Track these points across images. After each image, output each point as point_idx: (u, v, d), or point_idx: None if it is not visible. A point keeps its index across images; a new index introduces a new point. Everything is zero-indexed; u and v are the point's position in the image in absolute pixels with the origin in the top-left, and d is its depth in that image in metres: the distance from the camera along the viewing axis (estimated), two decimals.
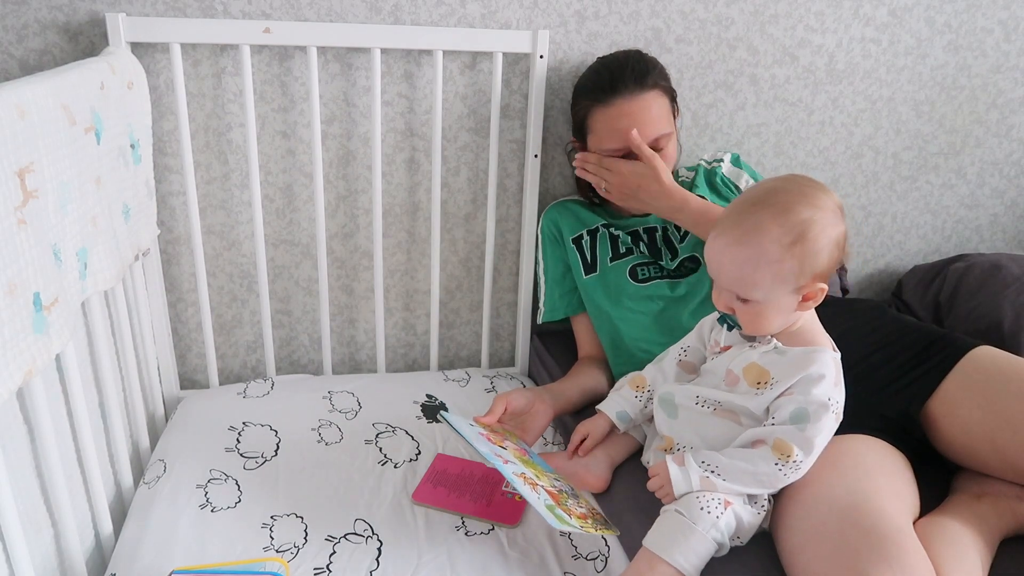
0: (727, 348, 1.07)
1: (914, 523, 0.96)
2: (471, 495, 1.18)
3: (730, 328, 1.06)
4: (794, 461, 0.95)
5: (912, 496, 1.01)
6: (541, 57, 1.42)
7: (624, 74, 1.29)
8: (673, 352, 1.16)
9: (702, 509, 0.95)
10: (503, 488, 1.20)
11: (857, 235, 1.80)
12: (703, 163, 1.46)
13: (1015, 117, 1.76)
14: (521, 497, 1.08)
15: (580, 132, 1.39)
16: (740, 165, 1.45)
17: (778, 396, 0.99)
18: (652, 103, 1.29)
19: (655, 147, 1.30)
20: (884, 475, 1.00)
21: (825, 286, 0.97)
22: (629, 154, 1.31)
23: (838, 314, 1.26)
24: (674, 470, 0.98)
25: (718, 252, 0.99)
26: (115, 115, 1.11)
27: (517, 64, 1.48)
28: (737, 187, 1.42)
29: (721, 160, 1.45)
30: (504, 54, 1.44)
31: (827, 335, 1.04)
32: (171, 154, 1.40)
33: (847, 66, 1.62)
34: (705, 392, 1.05)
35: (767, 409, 1.00)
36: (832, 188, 1.71)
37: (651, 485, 1.02)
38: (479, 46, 1.41)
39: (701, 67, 1.55)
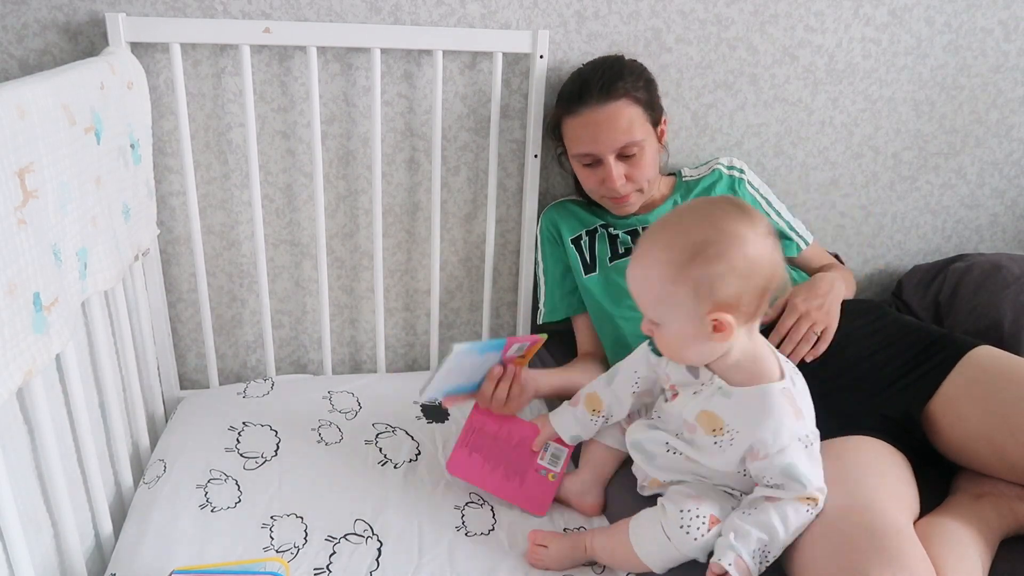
0: (674, 390, 1.03)
1: (914, 523, 0.96)
2: (505, 469, 1.19)
3: (656, 354, 1.04)
4: (822, 499, 0.93)
5: (912, 496, 1.01)
6: (541, 57, 1.42)
7: (591, 84, 1.30)
8: (624, 378, 1.11)
9: (681, 527, 0.95)
10: (538, 462, 1.20)
11: (857, 235, 1.80)
12: (721, 167, 1.46)
13: (1015, 117, 1.76)
14: (555, 476, 1.17)
15: (559, 139, 1.41)
16: (736, 181, 1.48)
17: (751, 458, 0.94)
18: (619, 112, 1.29)
19: (624, 154, 1.30)
20: (884, 476, 0.99)
21: (729, 318, 0.88)
22: (595, 161, 1.33)
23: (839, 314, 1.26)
24: None
25: (628, 269, 0.96)
26: (115, 115, 1.11)
27: (517, 64, 1.48)
28: (764, 196, 1.47)
29: (742, 169, 1.47)
30: (504, 54, 1.44)
31: (776, 358, 0.98)
32: (171, 154, 1.40)
33: (847, 66, 1.62)
34: (673, 441, 1.03)
35: (743, 471, 0.97)
36: (832, 188, 1.73)
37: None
38: (479, 46, 1.41)
39: (701, 67, 1.55)
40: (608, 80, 1.30)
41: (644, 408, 1.15)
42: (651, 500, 1.07)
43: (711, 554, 0.94)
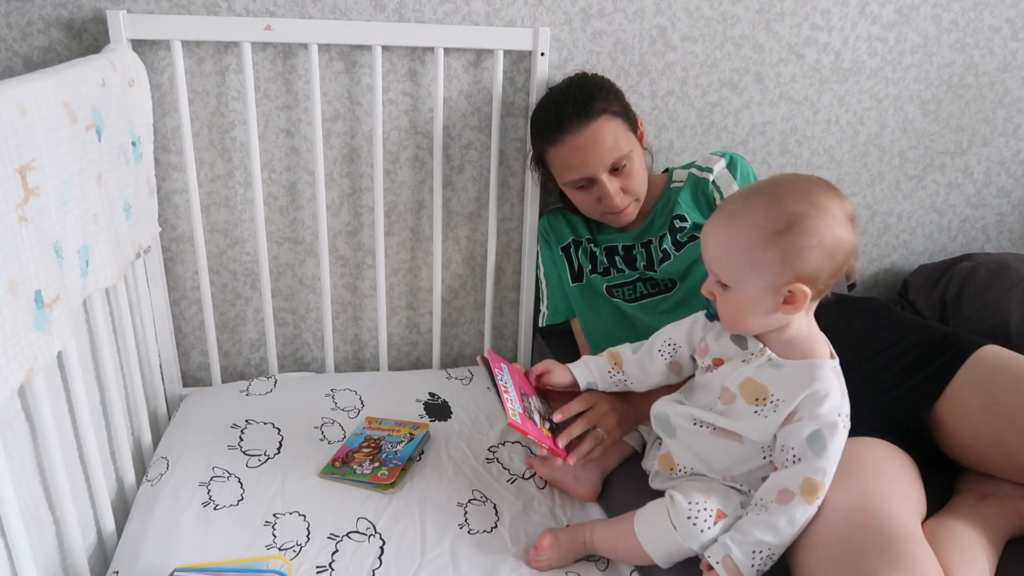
0: (719, 362, 1.03)
1: (921, 525, 0.96)
2: (539, 415, 1.15)
3: (711, 318, 1.04)
4: (824, 492, 0.93)
5: (920, 498, 1.00)
6: (543, 55, 1.42)
7: (567, 109, 1.28)
8: (658, 347, 1.11)
9: (688, 518, 0.95)
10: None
11: (863, 234, 1.80)
12: (695, 171, 1.40)
13: (1022, 116, 1.75)
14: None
15: (545, 168, 1.39)
16: (735, 170, 1.37)
17: (783, 423, 0.95)
18: (602, 130, 1.27)
19: (615, 168, 1.29)
20: (891, 477, 0.99)
21: (807, 290, 0.90)
22: (589, 182, 1.31)
23: (842, 313, 1.25)
24: None
25: (706, 230, 0.97)
26: (116, 112, 1.11)
27: (521, 62, 1.47)
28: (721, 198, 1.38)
29: (711, 169, 1.37)
30: (506, 52, 1.44)
31: (826, 341, 0.99)
32: (174, 151, 1.40)
33: (853, 64, 1.61)
34: (701, 414, 1.02)
35: (775, 436, 0.97)
36: (837, 187, 1.71)
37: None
38: (480, 44, 1.41)
39: (706, 65, 1.54)
40: (582, 102, 1.27)
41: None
42: (652, 499, 1.06)
43: None
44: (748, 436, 0.98)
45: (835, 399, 0.93)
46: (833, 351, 0.99)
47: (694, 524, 0.95)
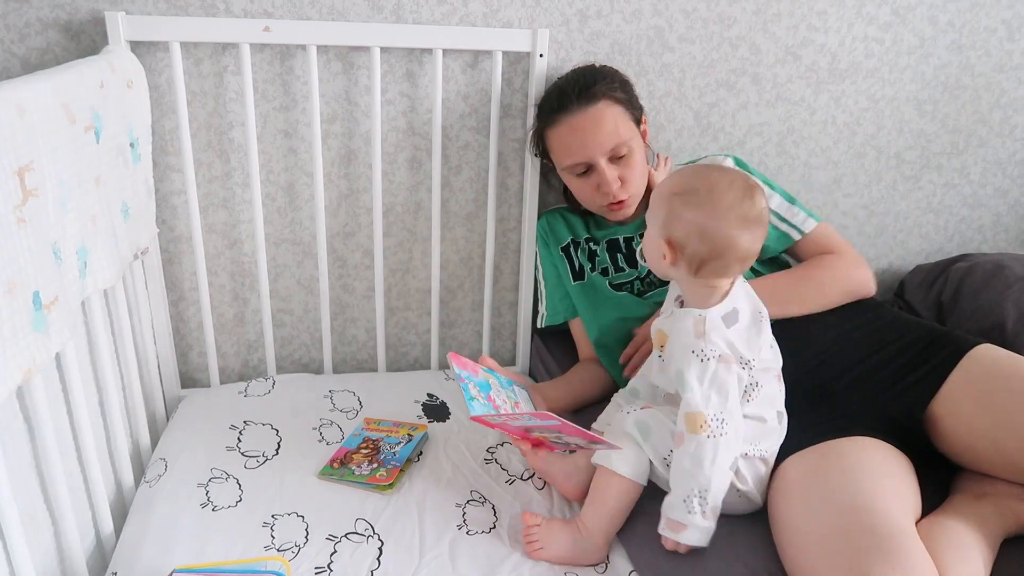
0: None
1: (916, 524, 0.96)
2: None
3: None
4: (714, 420, 0.99)
5: (915, 497, 1.00)
6: (541, 56, 1.42)
7: (569, 91, 1.30)
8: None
9: (621, 412, 1.09)
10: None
11: (859, 235, 1.80)
12: None
13: (1018, 117, 1.75)
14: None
15: (546, 154, 1.40)
16: (742, 167, 1.40)
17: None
18: (602, 114, 1.28)
19: (615, 155, 1.29)
20: (887, 476, 0.99)
21: (669, 251, 1.02)
22: (588, 169, 1.31)
23: (838, 313, 1.25)
24: (683, 537, 1.00)
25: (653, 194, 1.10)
26: (114, 114, 1.11)
27: (519, 63, 1.47)
28: None
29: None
30: (504, 53, 1.44)
31: (719, 296, 1.05)
32: (172, 153, 1.40)
33: (850, 65, 1.62)
34: (645, 374, 1.17)
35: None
36: (834, 187, 1.72)
37: (668, 547, 1.03)
38: (478, 45, 1.41)
39: (703, 66, 1.55)
40: (585, 84, 1.29)
41: None
42: (651, 500, 1.06)
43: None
44: (659, 384, 1.10)
45: (685, 340, 1.02)
46: (732, 300, 1.04)
47: (626, 413, 1.08)
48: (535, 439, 1.15)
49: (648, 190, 1.40)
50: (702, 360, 1.01)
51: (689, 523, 0.98)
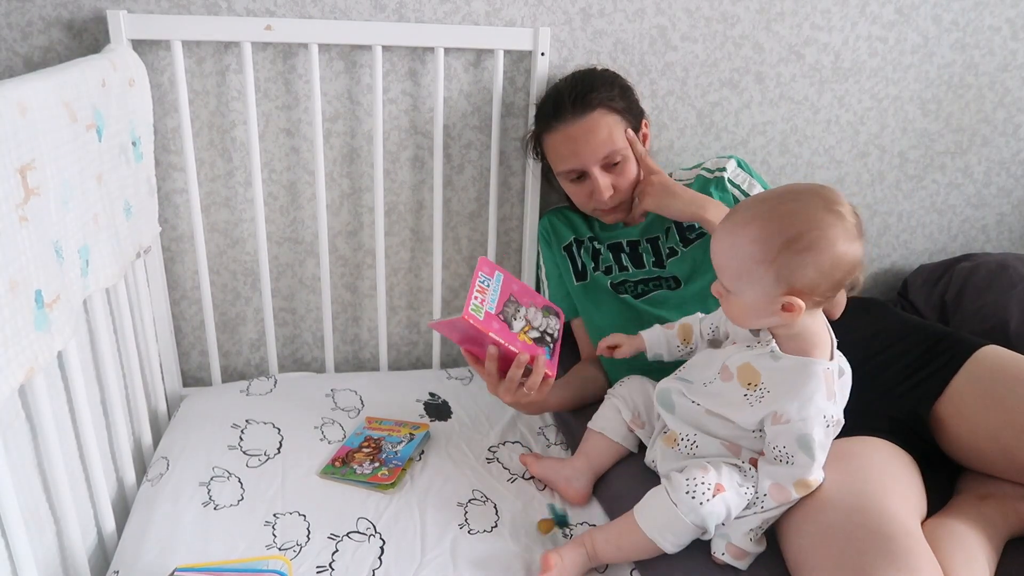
0: (734, 342, 1.08)
1: (921, 525, 0.96)
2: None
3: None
4: (816, 485, 0.97)
5: (920, 498, 1.00)
6: (543, 55, 1.42)
7: (565, 98, 1.29)
8: (707, 324, 1.16)
9: (687, 493, 0.96)
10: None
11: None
12: (704, 172, 1.41)
13: (1022, 116, 1.75)
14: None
15: (543, 156, 1.40)
16: (746, 169, 1.40)
17: (773, 421, 0.97)
18: (597, 123, 1.28)
19: (608, 163, 1.29)
20: (892, 477, 0.99)
21: (802, 303, 0.92)
22: (582, 175, 1.32)
23: (843, 313, 1.25)
24: (743, 563, 0.98)
25: (714, 236, 1.00)
26: (116, 112, 1.11)
27: (521, 62, 1.47)
28: (746, 192, 1.37)
29: (723, 168, 1.39)
30: (506, 52, 1.44)
31: (829, 341, 1.01)
32: (174, 151, 1.40)
33: (853, 64, 1.61)
34: (697, 395, 1.05)
35: (758, 432, 1.00)
36: (838, 187, 1.72)
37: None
38: (480, 44, 1.41)
39: (706, 65, 1.54)
40: (581, 92, 1.28)
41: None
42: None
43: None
44: (734, 420, 1.01)
45: (819, 402, 0.95)
46: (835, 351, 1.01)
47: (693, 497, 0.95)
48: (524, 345, 1.11)
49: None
50: (828, 426, 0.96)
51: (751, 552, 0.98)
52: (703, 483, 0.96)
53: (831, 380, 0.97)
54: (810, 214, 0.92)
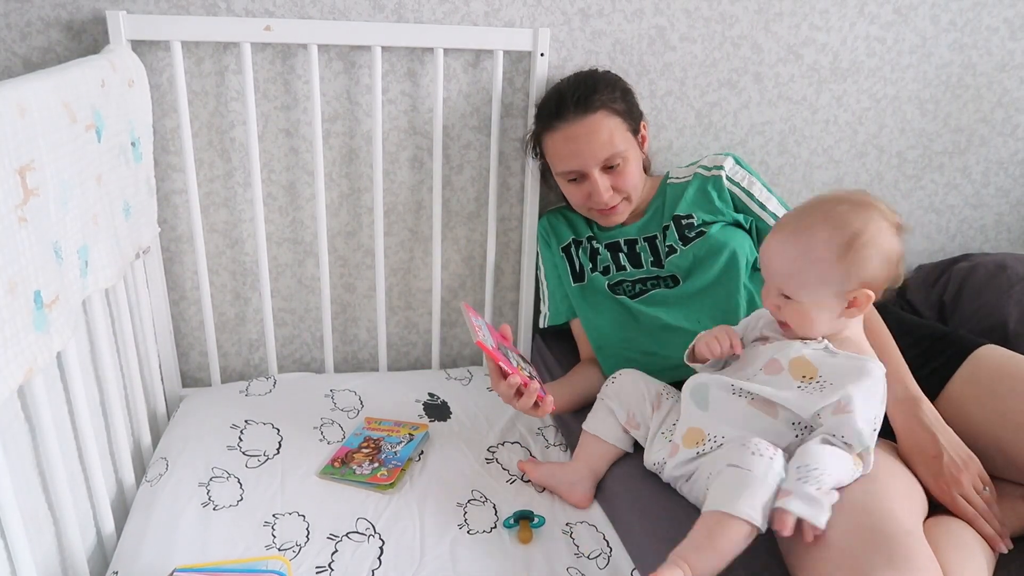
0: (767, 339, 1.08)
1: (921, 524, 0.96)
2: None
3: None
4: (862, 470, 0.96)
5: (920, 498, 1.00)
6: (542, 55, 1.42)
7: (567, 99, 1.29)
8: (749, 321, 1.15)
9: (753, 454, 0.93)
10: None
11: None
12: (701, 170, 1.40)
13: (1020, 116, 1.75)
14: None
15: (543, 156, 1.40)
16: (744, 166, 1.39)
17: (834, 407, 0.96)
18: (599, 125, 1.28)
19: (608, 165, 1.30)
20: (892, 477, 0.99)
21: (871, 293, 0.99)
22: (581, 176, 1.32)
23: None
24: (799, 508, 0.89)
25: (770, 248, 1.03)
26: (116, 113, 1.11)
27: (520, 62, 1.47)
28: (746, 189, 1.36)
29: (721, 167, 1.37)
30: (505, 52, 1.44)
31: (871, 349, 1.05)
32: (174, 152, 1.40)
33: (852, 64, 1.61)
34: (742, 383, 1.03)
35: (817, 414, 0.99)
36: (836, 187, 1.72)
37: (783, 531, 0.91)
38: (479, 44, 1.41)
39: (705, 65, 1.55)
40: (583, 94, 1.29)
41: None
42: (651, 497, 1.06)
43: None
44: (789, 407, 1.00)
45: (877, 404, 0.98)
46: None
47: (760, 455, 0.93)
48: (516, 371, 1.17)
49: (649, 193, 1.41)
50: (874, 429, 0.98)
51: (795, 491, 0.90)
52: (759, 444, 0.95)
53: (884, 386, 1.00)
54: (863, 213, 0.99)
